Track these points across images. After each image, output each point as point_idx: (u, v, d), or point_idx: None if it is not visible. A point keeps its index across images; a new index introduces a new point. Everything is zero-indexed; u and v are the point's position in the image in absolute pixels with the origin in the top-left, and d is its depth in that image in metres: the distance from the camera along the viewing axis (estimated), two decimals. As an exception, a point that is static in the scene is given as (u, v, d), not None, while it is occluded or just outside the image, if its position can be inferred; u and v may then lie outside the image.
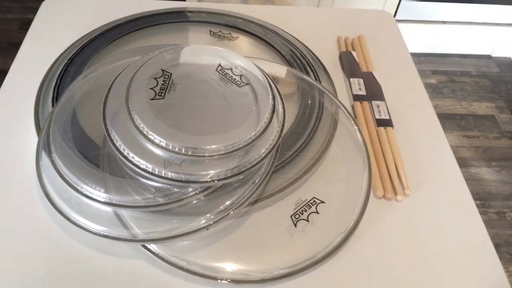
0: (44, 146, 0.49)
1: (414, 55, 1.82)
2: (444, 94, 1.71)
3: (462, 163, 1.45)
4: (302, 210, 0.48)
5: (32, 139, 0.53)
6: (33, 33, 0.70)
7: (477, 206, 0.52)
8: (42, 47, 0.67)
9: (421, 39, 1.78)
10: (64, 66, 0.60)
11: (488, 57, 1.88)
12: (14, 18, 1.70)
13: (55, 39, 0.67)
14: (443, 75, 1.78)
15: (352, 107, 0.62)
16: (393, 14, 1.63)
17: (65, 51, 0.63)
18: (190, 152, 0.43)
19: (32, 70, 0.62)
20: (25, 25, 0.70)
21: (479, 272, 0.47)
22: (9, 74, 0.62)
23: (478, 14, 1.71)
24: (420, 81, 0.68)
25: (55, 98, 0.56)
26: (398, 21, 1.66)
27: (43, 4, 0.76)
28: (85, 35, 0.66)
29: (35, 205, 0.48)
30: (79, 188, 0.45)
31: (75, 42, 0.65)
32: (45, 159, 0.48)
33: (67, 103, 0.53)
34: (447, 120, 1.62)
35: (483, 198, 1.38)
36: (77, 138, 0.50)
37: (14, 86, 0.61)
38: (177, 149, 0.43)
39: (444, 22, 1.72)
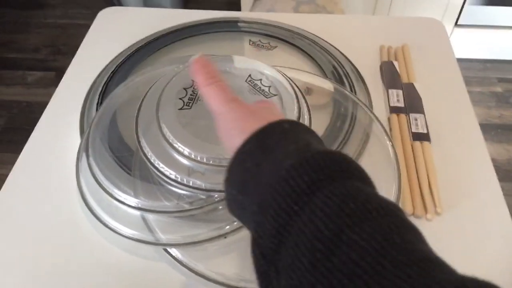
0: (85, 149, 0.53)
1: (479, 61, 1.73)
2: (511, 103, 1.60)
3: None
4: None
5: (77, 141, 0.56)
6: (89, 40, 0.75)
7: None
8: (96, 53, 0.71)
9: (487, 45, 1.68)
10: (110, 73, 0.64)
11: None
12: (84, 24, 1.82)
13: (108, 47, 0.71)
14: (511, 83, 1.67)
15: (388, 119, 0.60)
16: (455, 19, 1.55)
17: (113, 60, 0.68)
18: (211, 162, 0.45)
19: (85, 75, 0.66)
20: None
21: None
22: (63, 79, 0.67)
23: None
24: (466, 93, 0.65)
25: (100, 104, 0.60)
26: (462, 26, 1.58)
27: (100, 14, 0.81)
28: (132, 45, 0.70)
29: (73, 203, 0.52)
30: (110, 191, 0.48)
31: (122, 51, 0.69)
32: (84, 161, 0.52)
33: (108, 109, 0.56)
34: (512, 131, 1.51)
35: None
36: (114, 143, 0.54)
37: (67, 90, 0.66)
38: (199, 158, 0.45)
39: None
